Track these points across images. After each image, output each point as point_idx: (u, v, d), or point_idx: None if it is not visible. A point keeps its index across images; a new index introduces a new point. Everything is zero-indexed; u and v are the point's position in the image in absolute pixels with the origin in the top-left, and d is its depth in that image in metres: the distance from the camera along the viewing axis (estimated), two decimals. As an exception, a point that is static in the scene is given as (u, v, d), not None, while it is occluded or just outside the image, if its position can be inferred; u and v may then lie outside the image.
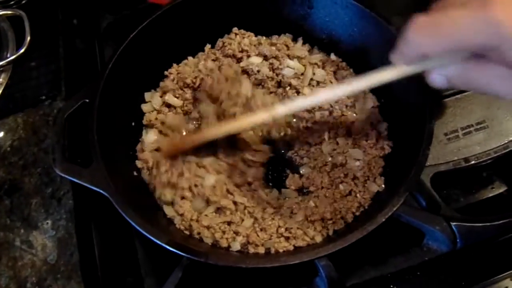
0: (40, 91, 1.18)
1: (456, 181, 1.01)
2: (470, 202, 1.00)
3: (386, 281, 0.89)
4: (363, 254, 0.85)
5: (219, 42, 1.12)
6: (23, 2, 1.28)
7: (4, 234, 1.01)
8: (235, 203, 0.95)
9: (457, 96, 1.02)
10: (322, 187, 0.97)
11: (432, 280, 0.90)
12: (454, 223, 0.83)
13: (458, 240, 0.82)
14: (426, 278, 0.90)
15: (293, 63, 1.07)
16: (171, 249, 0.80)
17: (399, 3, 1.19)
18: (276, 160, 1.04)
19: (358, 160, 0.97)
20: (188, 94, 1.07)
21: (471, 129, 1.00)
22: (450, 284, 0.90)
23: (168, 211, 0.95)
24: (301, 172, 1.01)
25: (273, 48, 1.09)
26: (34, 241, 1.00)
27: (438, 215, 0.85)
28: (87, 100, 0.95)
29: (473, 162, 0.97)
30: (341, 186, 0.95)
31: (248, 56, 1.08)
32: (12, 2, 1.27)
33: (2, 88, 1.18)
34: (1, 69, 1.20)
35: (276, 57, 1.07)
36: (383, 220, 0.80)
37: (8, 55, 1.21)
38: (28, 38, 1.20)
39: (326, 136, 1.01)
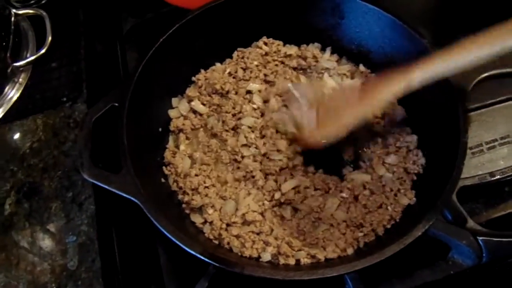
0: (60, 93, 1.15)
1: (479, 195, 1.00)
2: (493, 216, 0.99)
3: (413, 295, 0.89)
4: (389, 267, 0.84)
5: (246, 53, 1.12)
6: (43, 1, 1.26)
7: (23, 238, 0.98)
8: (262, 214, 0.94)
9: (481, 110, 1.02)
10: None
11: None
12: (481, 238, 0.83)
13: (484, 255, 0.82)
14: (453, 292, 0.90)
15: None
16: (205, 259, 0.79)
17: (424, 15, 1.20)
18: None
19: (390, 173, 0.97)
20: (216, 99, 1.05)
21: (496, 143, 0.99)
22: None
23: (196, 219, 0.94)
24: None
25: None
26: (54, 246, 0.97)
27: (464, 229, 0.85)
28: (116, 104, 0.93)
29: (498, 176, 0.96)
30: (371, 199, 0.94)
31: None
32: (32, 1, 1.24)
33: (21, 89, 1.16)
34: (21, 69, 1.17)
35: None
36: (419, 234, 0.80)
37: (28, 55, 1.19)
38: (50, 38, 1.17)
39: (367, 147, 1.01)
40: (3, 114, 1.13)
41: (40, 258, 0.96)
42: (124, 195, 0.84)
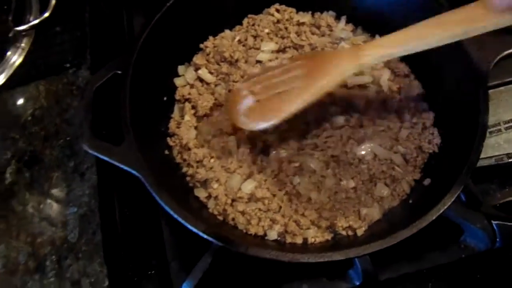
0: (64, 58, 1.12)
1: (494, 175, 0.97)
2: (508, 199, 0.95)
3: (422, 277, 0.87)
4: (398, 248, 0.80)
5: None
6: (46, -38, 1.21)
7: (23, 208, 0.96)
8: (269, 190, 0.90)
9: (501, 88, 0.97)
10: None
11: (468, 278, 0.88)
12: (496, 222, 0.80)
13: (498, 239, 0.80)
14: (463, 276, 0.88)
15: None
16: (208, 238, 0.75)
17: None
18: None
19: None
20: (224, 68, 1.00)
21: (514, 123, 0.94)
22: (487, 283, 0.88)
23: (200, 193, 0.90)
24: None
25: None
26: (55, 217, 0.95)
27: (478, 212, 0.82)
28: (119, 72, 0.89)
29: (516, 157, 0.92)
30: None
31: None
32: (35, -38, 1.20)
33: (24, 54, 1.13)
34: (24, 33, 1.14)
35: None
36: (433, 218, 0.76)
37: (31, 19, 1.15)
38: (53, 1, 1.13)
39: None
40: (5, 79, 1.10)
41: (40, 229, 0.94)
42: (126, 168, 0.81)
